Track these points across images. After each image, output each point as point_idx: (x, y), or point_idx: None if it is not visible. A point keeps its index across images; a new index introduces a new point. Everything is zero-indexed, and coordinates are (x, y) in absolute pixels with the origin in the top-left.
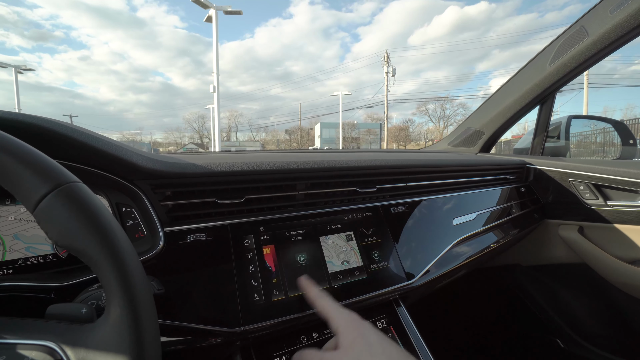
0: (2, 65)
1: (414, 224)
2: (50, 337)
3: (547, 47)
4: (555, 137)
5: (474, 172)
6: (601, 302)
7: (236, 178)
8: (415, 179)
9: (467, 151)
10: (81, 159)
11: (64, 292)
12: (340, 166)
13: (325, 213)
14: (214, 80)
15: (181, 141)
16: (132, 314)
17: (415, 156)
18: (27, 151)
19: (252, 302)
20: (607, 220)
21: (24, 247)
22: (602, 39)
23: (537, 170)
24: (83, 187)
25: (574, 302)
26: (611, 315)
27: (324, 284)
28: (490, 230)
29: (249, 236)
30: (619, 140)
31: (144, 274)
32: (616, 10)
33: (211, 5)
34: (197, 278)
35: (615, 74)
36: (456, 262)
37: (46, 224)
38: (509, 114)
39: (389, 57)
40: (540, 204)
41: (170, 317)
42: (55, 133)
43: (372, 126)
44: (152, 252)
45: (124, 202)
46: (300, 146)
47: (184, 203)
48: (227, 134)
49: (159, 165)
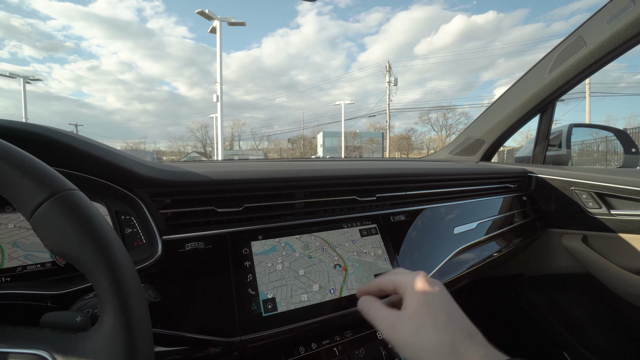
0: (11, 76)
1: (415, 233)
2: (42, 346)
3: (546, 57)
4: (556, 145)
5: (474, 181)
6: (607, 314)
7: (235, 186)
8: (415, 188)
9: (468, 160)
10: (80, 167)
11: (61, 300)
12: (340, 175)
13: (324, 222)
14: (218, 89)
15: (184, 150)
16: (125, 323)
17: (415, 165)
18: (25, 159)
19: (250, 311)
20: (612, 229)
21: (23, 255)
22: (599, 49)
23: (538, 178)
24: (80, 195)
25: (579, 313)
26: (618, 327)
27: (324, 291)
28: (492, 239)
29: (248, 245)
30: (621, 149)
31: (139, 282)
32: (613, 20)
33: (215, 17)
34: (195, 287)
35: (621, 82)
36: (457, 272)
37: (42, 232)
38: (510, 122)
39: (391, 67)
40: (543, 212)
41: (167, 326)
42: (54, 141)
43: (375, 135)
44: (150, 260)
45: (123, 210)
46: (303, 155)
47: (183, 211)
48: (230, 142)
49: (158, 174)
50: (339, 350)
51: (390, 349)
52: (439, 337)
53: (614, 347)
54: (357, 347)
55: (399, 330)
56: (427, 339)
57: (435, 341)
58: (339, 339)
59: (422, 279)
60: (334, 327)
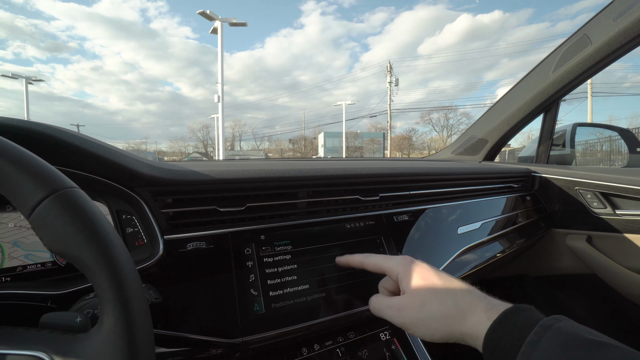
0: (14, 76)
1: (418, 233)
2: (40, 347)
3: (550, 55)
4: (560, 145)
5: (478, 180)
6: (612, 315)
7: (237, 185)
8: (418, 187)
9: (471, 159)
10: (81, 166)
11: (62, 301)
12: (343, 174)
13: (327, 221)
14: (219, 90)
15: (185, 150)
16: (126, 324)
17: (418, 164)
18: (23, 155)
19: (252, 312)
20: (617, 229)
21: (23, 255)
22: (605, 47)
23: (542, 178)
24: (80, 193)
25: (584, 314)
26: (623, 329)
27: (326, 292)
28: (496, 239)
29: (250, 244)
30: (625, 149)
31: (140, 282)
32: (619, 17)
33: (216, 17)
34: (197, 287)
35: (625, 82)
36: (461, 272)
37: (41, 230)
38: (513, 121)
39: (395, 67)
40: (547, 212)
41: (168, 327)
42: (54, 139)
43: (376, 135)
44: (151, 260)
45: (125, 209)
46: (304, 155)
47: (185, 211)
48: (231, 143)
49: (160, 172)
50: (342, 352)
51: (394, 349)
52: (443, 302)
53: None
54: (361, 348)
55: (407, 311)
56: (434, 309)
57: (441, 308)
58: (342, 340)
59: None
60: (337, 328)
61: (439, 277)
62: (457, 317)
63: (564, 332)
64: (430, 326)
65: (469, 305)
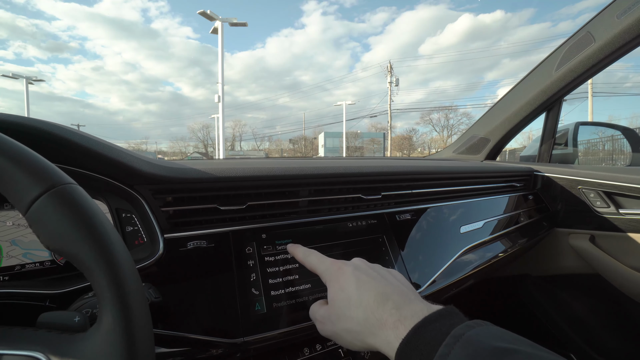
0: (14, 77)
1: (420, 232)
2: (37, 347)
3: (553, 53)
4: (562, 144)
5: (480, 180)
6: (616, 315)
7: (238, 184)
8: (420, 186)
9: (473, 159)
10: (80, 163)
11: (60, 300)
12: (344, 172)
13: (328, 220)
14: (219, 90)
15: (186, 150)
16: (125, 323)
17: (420, 163)
18: (20, 151)
19: (253, 312)
20: (620, 229)
21: (22, 253)
22: (609, 45)
23: (545, 177)
24: (78, 189)
25: (587, 315)
26: (627, 329)
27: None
28: (498, 239)
29: (251, 243)
30: (628, 148)
31: (140, 281)
32: (623, 15)
33: (217, 17)
34: (197, 286)
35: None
36: (464, 272)
37: (38, 227)
38: (515, 120)
39: (396, 67)
40: (549, 212)
41: (168, 327)
42: (53, 136)
43: (376, 136)
44: (151, 259)
45: (124, 207)
46: (304, 155)
47: (185, 209)
48: (231, 143)
49: (160, 170)
50: (344, 352)
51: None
52: (354, 317)
53: (622, 349)
54: None
55: (327, 324)
56: (347, 324)
57: (351, 323)
58: None
59: (337, 268)
60: None
61: (357, 287)
62: (366, 333)
63: (472, 342)
64: (346, 339)
65: (378, 321)
